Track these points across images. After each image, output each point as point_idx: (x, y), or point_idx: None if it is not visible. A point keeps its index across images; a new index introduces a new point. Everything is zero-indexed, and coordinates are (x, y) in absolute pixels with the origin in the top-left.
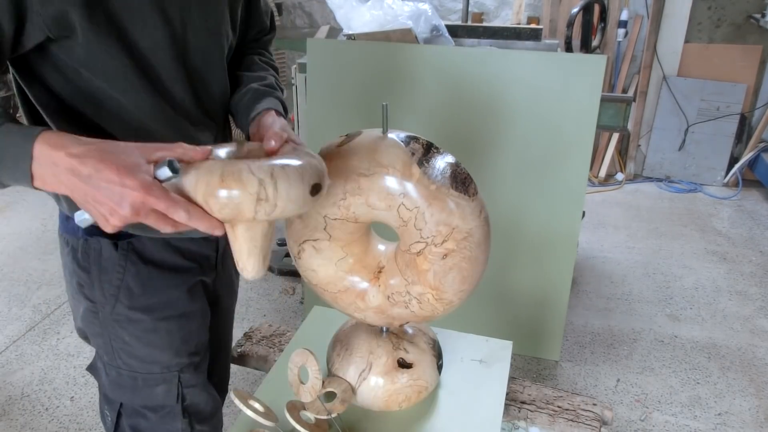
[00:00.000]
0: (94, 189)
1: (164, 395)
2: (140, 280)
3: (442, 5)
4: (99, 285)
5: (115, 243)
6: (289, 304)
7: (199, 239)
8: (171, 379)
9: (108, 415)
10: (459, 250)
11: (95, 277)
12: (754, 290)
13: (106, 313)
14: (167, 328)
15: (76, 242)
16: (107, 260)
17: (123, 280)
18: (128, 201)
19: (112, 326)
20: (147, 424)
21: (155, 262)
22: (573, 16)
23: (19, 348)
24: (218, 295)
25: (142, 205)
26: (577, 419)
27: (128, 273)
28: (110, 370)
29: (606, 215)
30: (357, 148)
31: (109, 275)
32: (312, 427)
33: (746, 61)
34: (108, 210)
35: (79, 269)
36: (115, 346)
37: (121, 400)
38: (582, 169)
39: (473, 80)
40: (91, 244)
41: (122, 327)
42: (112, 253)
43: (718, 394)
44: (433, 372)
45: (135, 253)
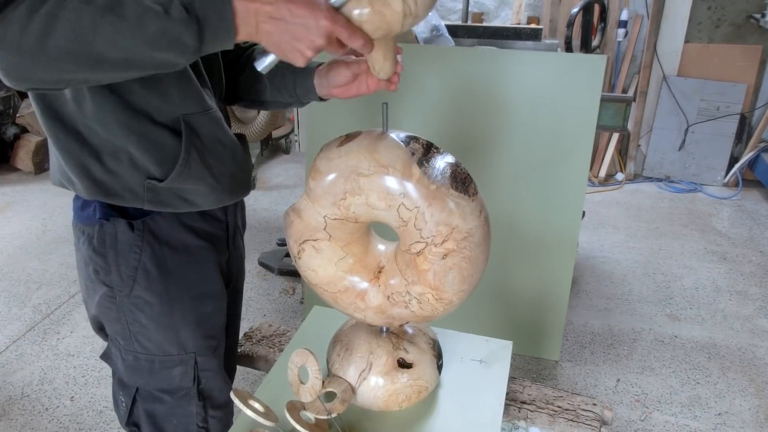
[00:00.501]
0: (292, 26)
1: (181, 377)
2: (156, 261)
3: (442, 5)
4: (116, 268)
5: (131, 224)
6: (289, 304)
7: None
8: (187, 361)
9: (123, 401)
10: (459, 250)
11: (112, 261)
12: (754, 290)
13: (123, 296)
14: (183, 310)
15: (91, 229)
16: (123, 243)
17: (140, 261)
18: (322, 31)
19: (130, 310)
20: (162, 408)
21: (170, 243)
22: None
23: (19, 348)
24: (231, 276)
25: (331, 34)
26: (577, 419)
27: (145, 253)
28: (126, 355)
29: (606, 215)
30: (357, 148)
31: (126, 257)
32: (312, 427)
33: (746, 61)
34: (306, 43)
35: (95, 255)
36: (132, 330)
37: (137, 384)
38: (582, 169)
39: (473, 80)
40: (107, 228)
41: (140, 309)
42: (128, 235)
43: (718, 394)
44: (433, 372)
45: (150, 233)
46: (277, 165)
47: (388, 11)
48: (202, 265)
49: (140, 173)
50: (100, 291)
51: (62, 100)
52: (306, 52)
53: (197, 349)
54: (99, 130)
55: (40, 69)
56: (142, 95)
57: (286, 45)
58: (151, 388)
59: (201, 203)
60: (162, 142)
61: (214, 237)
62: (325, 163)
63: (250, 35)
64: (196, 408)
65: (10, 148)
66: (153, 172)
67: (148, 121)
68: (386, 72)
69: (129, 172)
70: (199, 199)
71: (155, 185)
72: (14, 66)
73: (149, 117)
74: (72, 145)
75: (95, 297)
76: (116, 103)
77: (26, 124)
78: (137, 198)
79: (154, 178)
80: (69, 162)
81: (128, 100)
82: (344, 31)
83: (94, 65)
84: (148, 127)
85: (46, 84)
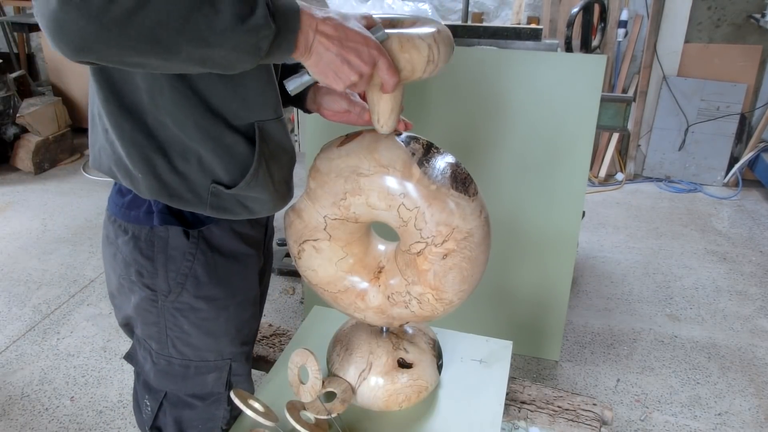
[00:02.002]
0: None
1: (214, 383)
2: (208, 269)
3: (442, 5)
4: (164, 273)
5: (186, 231)
6: (289, 304)
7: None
8: (223, 367)
9: (148, 405)
10: (459, 250)
11: (160, 266)
12: (754, 290)
13: (168, 302)
14: (227, 316)
15: (139, 230)
16: (175, 249)
17: (191, 269)
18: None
19: (172, 315)
20: (191, 413)
21: (221, 250)
22: (573, 16)
23: (19, 348)
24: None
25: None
26: (577, 419)
27: (197, 261)
28: (159, 359)
29: (606, 215)
30: (357, 148)
31: (176, 264)
32: (312, 427)
33: (746, 61)
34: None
35: (141, 257)
36: (171, 334)
37: (166, 389)
38: (582, 169)
39: (473, 80)
40: (157, 232)
41: (184, 316)
42: (181, 242)
43: (718, 394)
44: (433, 372)
45: (205, 241)
46: None
47: (415, 55)
48: (248, 271)
49: (207, 177)
50: (141, 293)
51: (132, 87)
52: (350, 77)
53: (233, 355)
54: (171, 126)
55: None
56: (222, 98)
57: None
58: (181, 393)
59: (259, 210)
60: (234, 148)
61: (257, 242)
62: (325, 163)
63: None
64: (223, 413)
65: (10, 148)
66: (220, 176)
67: (224, 126)
68: (389, 126)
69: (196, 174)
70: (257, 206)
71: (221, 191)
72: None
73: (225, 121)
74: (138, 136)
75: (132, 298)
76: (196, 104)
77: (26, 124)
78: (200, 202)
79: (219, 183)
80: (134, 155)
81: (208, 102)
82: (386, 63)
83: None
84: (222, 132)
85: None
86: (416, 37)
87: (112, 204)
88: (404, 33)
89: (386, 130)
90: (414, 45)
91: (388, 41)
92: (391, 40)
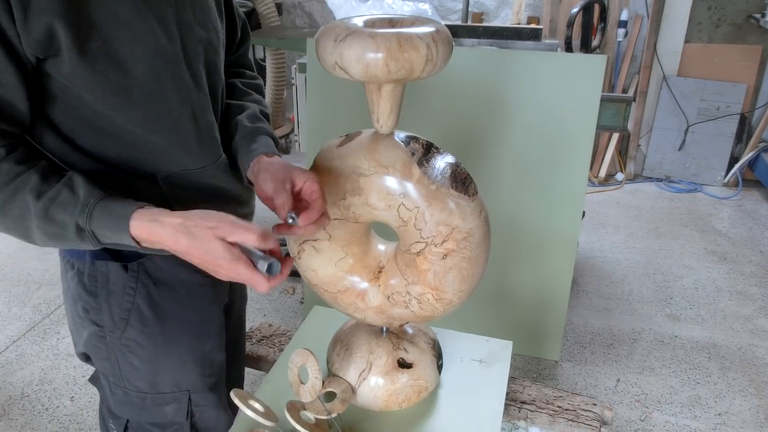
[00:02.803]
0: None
1: (173, 413)
2: (152, 303)
3: (442, 5)
4: (108, 309)
5: (125, 265)
6: (289, 304)
7: None
8: (181, 398)
9: (114, 429)
10: (459, 250)
11: (103, 302)
12: (754, 290)
13: (114, 338)
14: (180, 352)
15: (82, 265)
16: (115, 283)
17: (134, 304)
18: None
19: (121, 351)
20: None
21: (167, 282)
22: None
23: (19, 348)
24: (232, 302)
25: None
26: (577, 419)
27: (139, 295)
28: (116, 389)
29: (606, 215)
30: (357, 148)
31: (118, 299)
32: (312, 427)
33: (746, 61)
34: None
35: (85, 293)
36: (124, 369)
37: (127, 417)
38: (582, 169)
39: (473, 80)
40: (98, 267)
41: (132, 352)
42: (121, 276)
43: (718, 394)
44: (433, 372)
45: (146, 274)
46: None
47: (414, 54)
48: (201, 301)
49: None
50: (89, 329)
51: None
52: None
53: (192, 386)
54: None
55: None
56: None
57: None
58: (142, 421)
59: None
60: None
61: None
62: (325, 163)
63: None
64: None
65: None
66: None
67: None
68: (389, 126)
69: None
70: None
71: None
72: None
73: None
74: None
75: (83, 333)
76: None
77: None
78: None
79: None
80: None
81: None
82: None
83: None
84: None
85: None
86: (415, 37)
87: None
88: (403, 32)
89: (386, 130)
90: (413, 44)
91: (387, 41)
92: (390, 40)
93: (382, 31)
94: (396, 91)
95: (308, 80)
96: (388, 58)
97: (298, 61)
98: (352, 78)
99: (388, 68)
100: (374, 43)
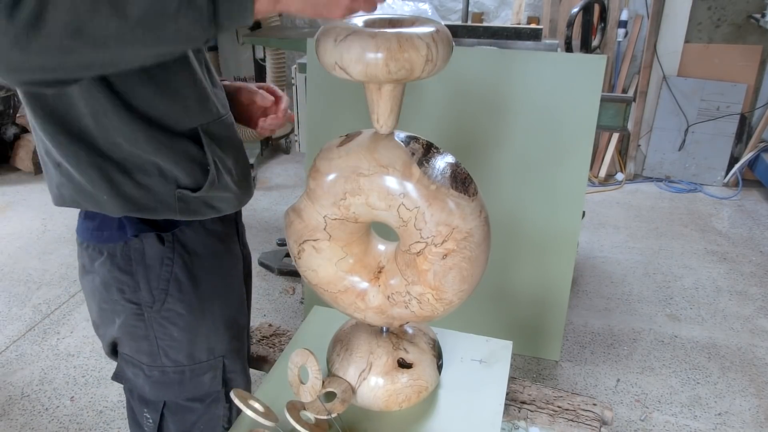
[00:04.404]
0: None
1: (210, 382)
2: (188, 271)
3: (442, 5)
4: (146, 284)
5: (160, 237)
6: (289, 304)
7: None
8: (217, 366)
9: (149, 417)
10: (459, 250)
11: (141, 278)
12: (754, 290)
13: (153, 312)
14: (214, 316)
15: (113, 248)
16: (152, 258)
17: (172, 273)
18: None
19: (161, 324)
20: (192, 416)
21: (198, 251)
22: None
23: (19, 348)
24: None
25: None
26: (577, 419)
27: (176, 265)
28: (152, 371)
29: (606, 215)
30: (357, 148)
31: (156, 271)
32: (312, 427)
33: (746, 61)
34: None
35: (120, 273)
36: (162, 344)
37: (165, 398)
38: (582, 169)
39: (473, 80)
40: (132, 245)
41: (172, 323)
42: (157, 249)
43: (718, 394)
44: (433, 372)
45: (180, 244)
46: (277, 165)
47: (414, 54)
48: (227, 268)
49: (170, 184)
50: (126, 312)
51: (77, 114)
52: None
53: (225, 352)
54: (124, 145)
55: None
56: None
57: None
58: (180, 400)
59: (225, 208)
60: (188, 153)
61: (230, 238)
62: (325, 163)
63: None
64: (223, 410)
65: (10, 148)
66: (183, 182)
67: (171, 134)
68: (389, 127)
69: (160, 184)
70: (223, 204)
71: (186, 195)
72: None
73: (171, 130)
74: (96, 160)
75: (116, 320)
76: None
77: (26, 124)
78: (170, 209)
79: (184, 188)
80: (95, 180)
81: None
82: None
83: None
84: (172, 140)
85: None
86: (415, 37)
87: (82, 232)
88: (403, 32)
89: (386, 130)
90: (413, 44)
91: (387, 41)
92: (390, 40)
93: (382, 31)
94: (396, 91)
95: (308, 80)
96: (388, 58)
97: (298, 61)
98: (352, 78)
99: (388, 68)
100: (374, 43)
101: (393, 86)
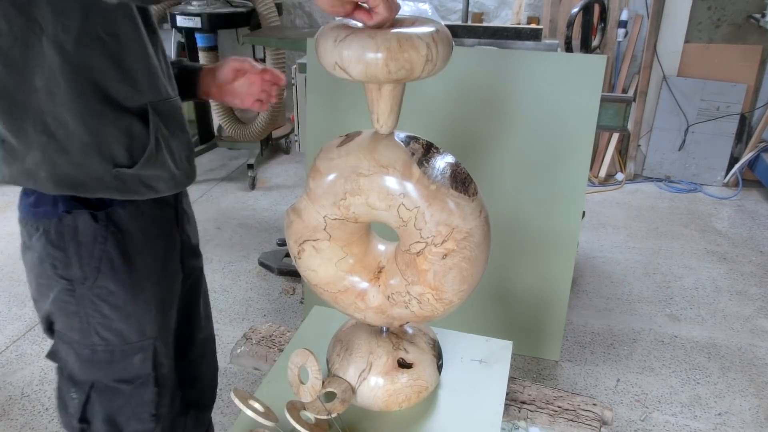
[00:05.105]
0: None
1: (140, 364)
2: (120, 250)
3: (442, 5)
4: (77, 261)
5: (94, 215)
6: (289, 304)
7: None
8: (147, 347)
9: (75, 397)
10: (459, 250)
11: (73, 254)
12: (754, 290)
13: (84, 288)
14: (146, 296)
15: (48, 224)
16: (84, 234)
17: (105, 251)
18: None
19: (91, 301)
20: (119, 399)
21: (131, 231)
22: (573, 16)
23: (19, 348)
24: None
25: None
26: (577, 419)
27: (109, 243)
28: (82, 349)
29: (606, 215)
30: (357, 148)
31: (89, 248)
32: (312, 427)
33: (746, 61)
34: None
35: (53, 249)
36: (93, 321)
37: (93, 378)
38: (582, 169)
39: (473, 80)
40: (66, 221)
41: (103, 300)
42: (90, 226)
43: (718, 394)
44: (433, 372)
45: (113, 223)
46: (277, 165)
47: (414, 54)
48: (163, 252)
49: (108, 162)
50: (57, 286)
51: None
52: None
53: (157, 333)
54: (70, 123)
55: None
56: (115, 82)
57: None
58: (108, 380)
59: (162, 189)
60: (132, 130)
61: (168, 222)
62: (325, 163)
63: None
64: (151, 395)
65: None
66: (121, 160)
67: (119, 109)
68: (389, 127)
69: (97, 162)
70: (160, 185)
71: (123, 173)
72: None
73: (119, 105)
74: (40, 138)
75: (50, 294)
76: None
77: None
78: (106, 188)
79: (121, 166)
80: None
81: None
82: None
83: None
84: (118, 115)
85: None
86: (415, 37)
87: (21, 208)
88: (403, 32)
89: (386, 130)
90: (413, 44)
91: (387, 41)
92: (390, 40)
93: (382, 31)
94: (396, 91)
95: (308, 80)
96: (388, 58)
97: (298, 61)
98: (352, 78)
99: (388, 68)
100: (374, 43)
101: (393, 86)
